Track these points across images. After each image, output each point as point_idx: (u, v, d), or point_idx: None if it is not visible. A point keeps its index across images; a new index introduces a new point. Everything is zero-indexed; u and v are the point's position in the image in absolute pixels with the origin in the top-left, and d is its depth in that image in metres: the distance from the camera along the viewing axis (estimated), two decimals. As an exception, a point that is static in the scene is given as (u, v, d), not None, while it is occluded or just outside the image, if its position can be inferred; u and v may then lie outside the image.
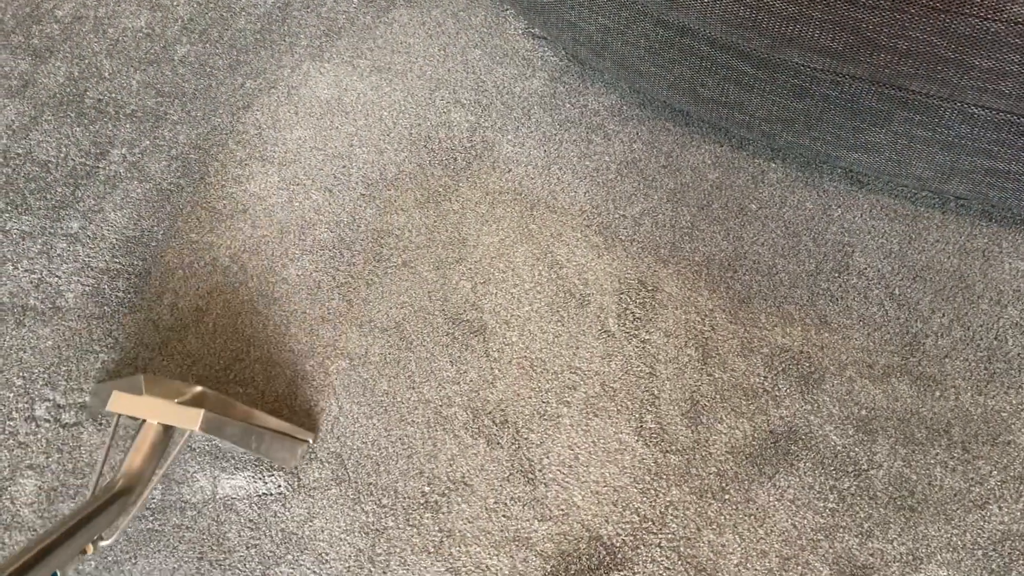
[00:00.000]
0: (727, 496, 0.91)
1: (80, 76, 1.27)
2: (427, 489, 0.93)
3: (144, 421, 0.85)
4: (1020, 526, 0.88)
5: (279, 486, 0.94)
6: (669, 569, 0.88)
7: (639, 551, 0.89)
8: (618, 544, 0.89)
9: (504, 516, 0.92)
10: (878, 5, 0.88)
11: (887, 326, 1.00)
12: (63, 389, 1.00)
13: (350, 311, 1.05)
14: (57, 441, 0.97)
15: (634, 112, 1.20)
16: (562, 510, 0.91)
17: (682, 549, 0.89)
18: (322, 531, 0.91)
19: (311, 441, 0.97)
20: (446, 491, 0.93)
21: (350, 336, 1.03)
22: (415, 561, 0.89)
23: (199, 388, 0.92)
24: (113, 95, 1.25)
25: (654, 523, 0.90)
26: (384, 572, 0.89)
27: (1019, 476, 0.90)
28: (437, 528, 0.91)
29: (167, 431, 0.86)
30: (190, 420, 0.83)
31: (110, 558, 0.91)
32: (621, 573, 0.88)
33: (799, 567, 0.87)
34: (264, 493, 0.94)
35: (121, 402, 0.85)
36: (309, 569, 0.90)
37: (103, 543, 0.77)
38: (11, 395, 0.99)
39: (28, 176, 1.16)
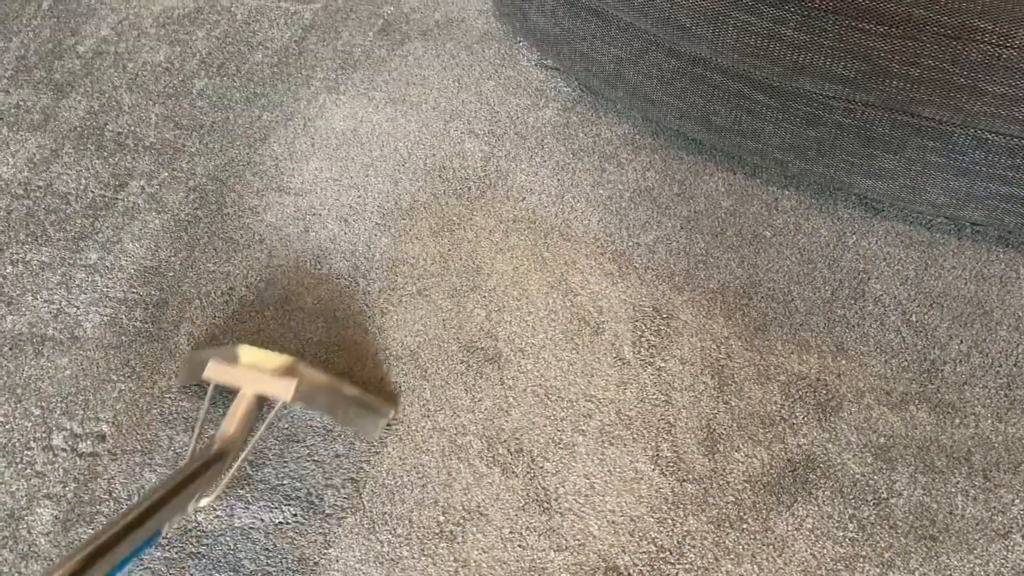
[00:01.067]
0: (745, 526, 0.90)
1: (100, 110, 1.29)
2: (442, 519, 0.93)
3: (239, 390, 0.89)
4: (1045, 556, 0.86)
5: (295, 514, 0.93)
6: (687, 600, 0.87)
7: (657, 581, 0.88)
8: (635, 574, 0.88)
9: (520, 546, 0.91)
10: (890, 33, 0.89)
11: (904, 353, 0.99)
12: (80, 418, 1.00)
13: (365, 339, 1.05)
14: (74, 471, 0.97)
15: (647, 141, 1.21)
16: (578, 540, 0.91)
17: (700, 579, 0.88)
18: (337, 560, 0.91)
19: (392, 414, 0.99)
20: (461, 521, 0.92)
21: (365, 364, 1.03)
22: (430, 591, 0.89)
23: (293, 358, 0.94)
24: (132, 128, 1.27)
25: (671, 553, 0.89)
26: (399, 603, 0.89)
27: (1043, 505, 0.89)
28: (452, 558, 0.90)
29: (261, 400, 0.89)
30: (283, 391, 0.87)
31: (125, 588, 0.91)
32: (639, 604, 0.87)
33: (820, 598, 0.86)
34: (280, 522, 0.93)
35: (217, 371, 0.89)
36: (324, 599, 0.89)
37: (202, 503, 0.81)
38: (29, 424, 1.00)
39: (48, 208, 1.18)
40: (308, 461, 0.97)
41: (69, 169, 1.22)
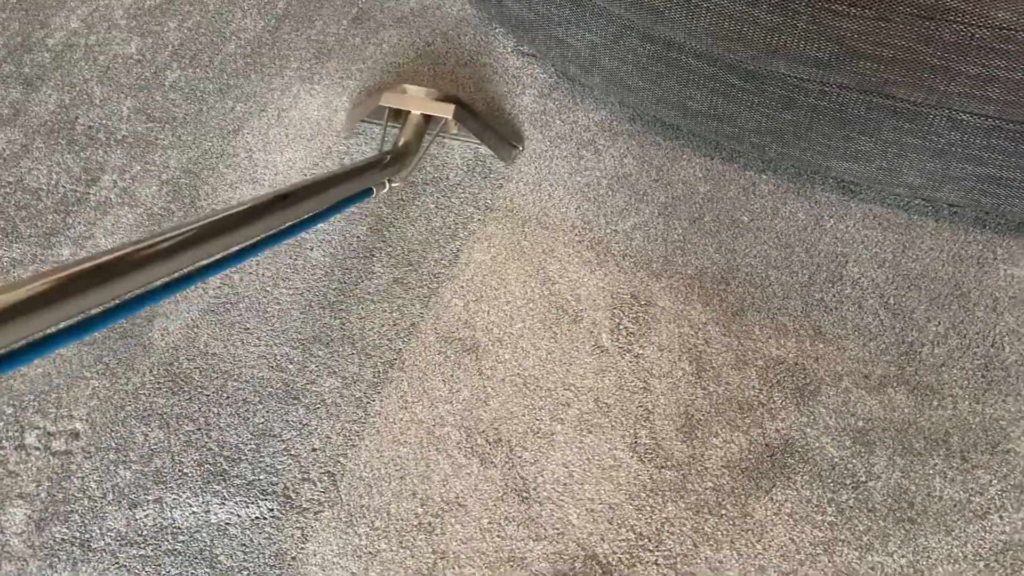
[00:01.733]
0: (724, 511, 0.90)
1: (71, 103, 1.28)
2: (420, 510, 0.92)
3: (408, 112, 1.11)
4: (1022, 536, 0.86)
5: (272, 509, 0.93)
6: (666, 587, 0.87)
7: (635, 569, 0.88)
8: (614, 562, 0.88)
9: (498, 536, 0.90)
10: (862, 14, 0.88)
11: (882, 335, 0.99)
12: (53, 417, 0.99)
13: (342, 329, 1.04)
14: (47, 469, 0.96)
15: (624, 127, 1.20)
16: (557, 529, 0.90)
17: (679, 566, 0.87)
18: (315, 555, 0.90)
19: (521, 147, 1.19)
20: (439, 512, 0.92)
21: (342, 355, 1.02)
22: (409, 584, 0.88)
23: (448, 93, 1.16)
24: (104, 121, 1.25)
25: (650, 540, 0.89)
26: (378, 595, 0.88)
27: (1019, 485, 0.89)
28: (431, 550, 0.90)
29: (427, 119, 1.12)
30: (446, 110, 1.10)
31: (101, 586, 0.90)
32: (618, 592, 0.87)
33: (798, 582, 0.86)
34: (257, 517, 0.93)
35: (391, 98, 1.12)
36: (302, 594, 0.89)
37: (394, 184, 1.05)
38: (1, 423, 0.99)
39: (19, 204, 1.16)
40: (284, 456, 0.96)
41: (40, 164, 1.21)
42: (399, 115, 1.13)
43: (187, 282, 0.65)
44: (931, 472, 0.91)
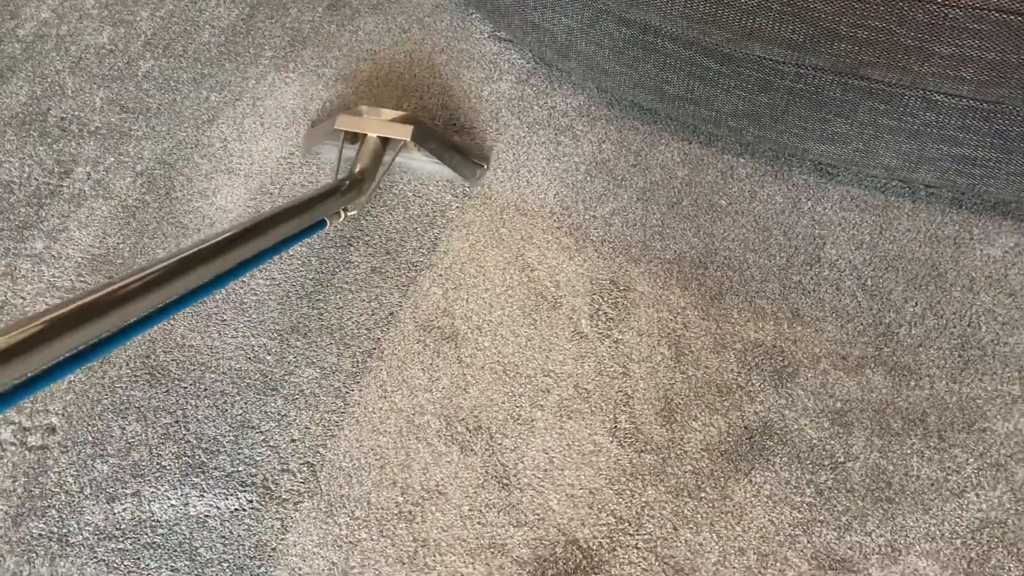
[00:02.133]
0: (703, 494, 0.90)
1: (43, 95, 1.26)
2: (401, 499, 0.92)
3: (365, 136, 1.06)
4: (998, 513, 0.87)
5: (251, 501, 0.92)
6: (647, 570, 0.87)
7: (616, 553, 0.88)
8: (595, 547, 0.88)
9: (479, 523, 0.90)
10: (835, -5, 0.87)
11: (860, 317, 0.99)
12: (29, 412, 0.98)
13: (320, 319, 1.04)
14: (23, 464, 0.95)
15: (602, 112, 1.19)
16: (537, 515, 0.90)
17: (659, 549, 0.88)
18: (295, 545, 0.90)
19: (485, 166, 1.15)
20: (420, 500, 0.92)
21: (320, 345, 1.02)
22: (390, 572, 0.88)
23: (407, 113, 1.09)
24: (76, 113, 1.24)
25: (630, 524, 0.89)
26: (358, 585, 0.88)
27: (996, 463, 0.90)
28: (411, 538, 0.90)
29: (384, 143, 1.06)
30: (404, 132, 1.04)
31: (80, 581, 0.89)
32: (598, 576, 0.87)
33: (777, 563, 0.86)
34: (236, 509, 0.92)
35: (347, 121, 1.06)
36: (282, 585, 0.88)
37: (350, 213, 0.99)
38: (-24, 419, 0.98)
39: (-9, 197, 1.15)
40: (263, 447, 0.95)
41: (11, 157, 1.19)
42: (356, 138, 1.08)
43: (121, 339, 0.63)
44: (908, 452, 0.91)
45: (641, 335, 1.00)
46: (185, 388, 1.00)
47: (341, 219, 0.98)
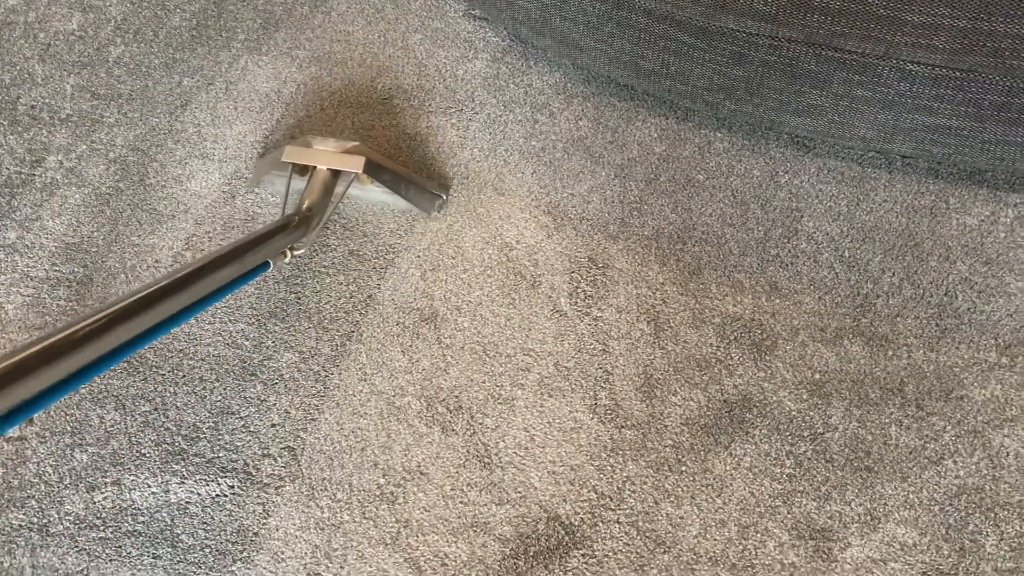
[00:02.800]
0: (684, 468, 0.91)
1: (12, 83, 1.24)
2: (382, 481, 0.92)
3: (315, 168, 1.00)
4: (975, 480, 0.88)
5: (232, 486, 0.92)
6: (628, 544, 0.87)
7: (598, 528, 0.88)
8: (576, 523, 0.89)
9: (461, 502, 0.90)
10: (806, -36, 0.87)
11: (838, 288, 1.00)
12: (6, 402, 0.97)
13: (298, 303, 1.03)
14: (1, 456, 0.94)
15: (579, 89, 1.19)
16: (519, 493, 0.91)
17: (641, 523, 0.88)
18: (277, 529, 0.90)
19: (445, 197, 1.09)
20: (402, 482, 0.92)
21: (298, 329, 1.01)
22: (372, 554, 0.88)
23: (359, 143, 1.04)
24: (47, 101, 1.22)
25: (612, 499, 0.89)
26: (341, 567, 0.88)
27: (973, 430, 0.90)
28: (394, 519, 0.90)
29: (334, 175, 1.01)
30: (355, 164, 0.98)
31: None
32: (580, 551, 0.87)
33: (758, 534, 0.87)
34: (217, 495, 0.92)
35: (294, 153, 1.01)
36: (265, 568, 0.88)
37: (297, 252, 0.92)
38: (-48, 411, 0.97)
39: (-39, 187, 1.13)
40: (243, 432, 0.95)
41: (-19, 146, 1.17)
42: (305, 170, 1.02)
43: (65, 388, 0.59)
44: (887, 421, 0.92)
45: (620, 312, 1.00)
46: (163, 375, 0.99)
47: (288, 259, 0.91)
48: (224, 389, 0.98)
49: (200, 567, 0.89)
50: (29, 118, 1.20)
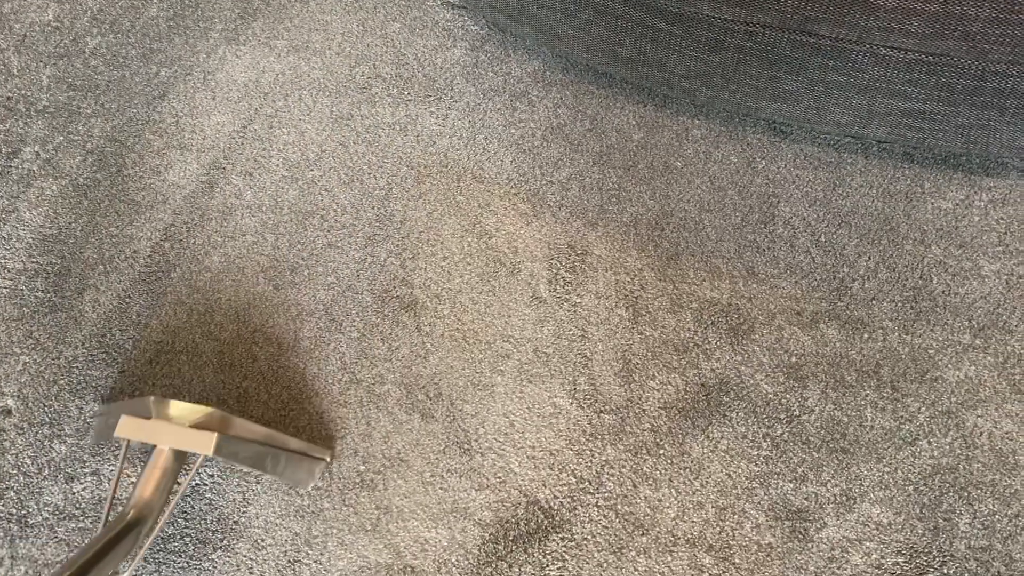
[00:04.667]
0: (662, 451, 0.91)
1: (-13, 74, 1.23)
2: (362, 468, 0.92)
3: (155, 447, 0.82)
4: (949, 459, 0.89)
5: (212, 475, 0.92)
6: (607, 527, 0.88)
7: (577, 512, 0.89)
8: (556, 507, 0.89)
9: (441, 488, 0.91)
10: (779, -51, 0.87)
11: (814, 273, 1.00)
12: (-17, 394, 0.97)
13: (277, 296, 1.03)
14: (-20, 447, 0.94)
15: (557, 77, 1.19)
16: (499, 478, 0.91)
17: (619, 507, 0.89)
18: (257, 517, 0.90)
19: (328, 459, 0.92)
20: (381, 469, 0.92)
21: (277, 321, 1.01)
22: (352, 540, 0.89)
23: (211, 409, 0.85)
24: (23, 92, 1.21)
25: (591, 483, 0.90)
26: (322, 554, 0.88)
27: (947, 411, 0.91)
28: (374, 506, 0.90)
29: (179, 456, 0.82)
30: (203, 444, 0.79)
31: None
32: (560, 535, 0.88)
33: (735, 515, 0.88)
34: (196, 484, 0.92)
35: (130, 427, 0.81)
36: (245, 556, 0.88)
37: None
38: (-71, 404, 0.96)
39: (-63, 180, 1.13)
40: (223, 420, 0.95)
41: (-43, 138, 1.17)
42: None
43: None
44: (863, 403, 0.93)
45: (599, 298, 1.01)
46: (141, 367, 0.99)
47: None
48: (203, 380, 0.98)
49: (180, 556, 0.89)
50: (5, 109, 1.20)
